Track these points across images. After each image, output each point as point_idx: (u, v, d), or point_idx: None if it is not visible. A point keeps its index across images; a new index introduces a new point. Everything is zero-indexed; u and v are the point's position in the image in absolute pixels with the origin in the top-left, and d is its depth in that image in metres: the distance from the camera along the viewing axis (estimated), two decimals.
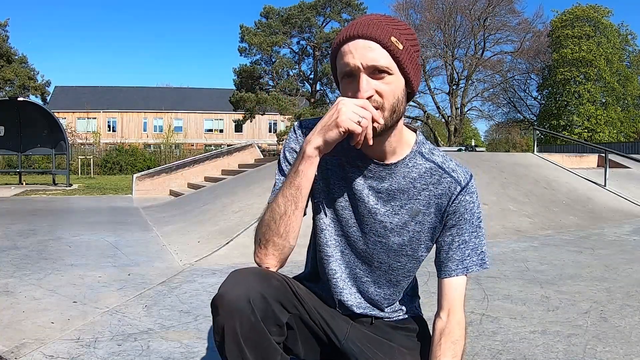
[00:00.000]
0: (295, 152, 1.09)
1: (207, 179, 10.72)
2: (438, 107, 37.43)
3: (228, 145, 14.77)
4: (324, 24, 34.73)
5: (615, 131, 33.83)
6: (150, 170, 11.47)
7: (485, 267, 1.09)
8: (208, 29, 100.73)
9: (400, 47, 0.94)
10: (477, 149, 28.82)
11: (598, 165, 9.27)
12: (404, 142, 1.05)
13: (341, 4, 33.37)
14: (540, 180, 7.13)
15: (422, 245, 1.08)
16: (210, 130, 51.40)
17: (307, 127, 1.11)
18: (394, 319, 1.14)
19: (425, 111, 37.39)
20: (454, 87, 36.54)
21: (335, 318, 1.08)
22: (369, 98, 0.93)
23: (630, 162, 8.83)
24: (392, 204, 1.05)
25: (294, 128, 1.13)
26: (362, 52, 0.93)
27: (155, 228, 5.31)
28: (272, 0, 51.06)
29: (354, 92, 0.95)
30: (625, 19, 62.81)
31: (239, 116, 37.98)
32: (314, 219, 1.14)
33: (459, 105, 36.54)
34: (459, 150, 21.77)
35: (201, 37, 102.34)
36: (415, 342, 1.11)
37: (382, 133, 0.98)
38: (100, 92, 49.77)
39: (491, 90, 38.14)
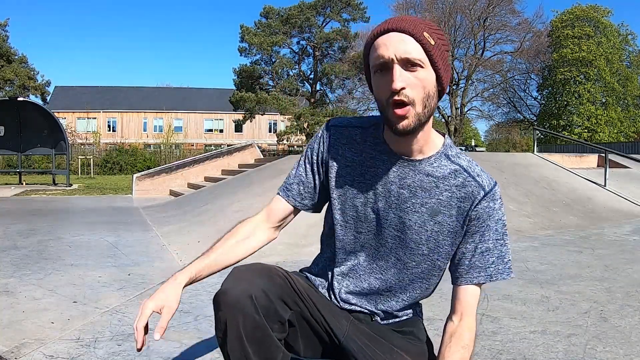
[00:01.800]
0: (317, 152, 1.15)
1: (207, 179, 10.72)
2: (438, 107, 37.32)
3: (228, 145, 14.77)
4: (324, 24, 34.74)
5: (615, 131, 33.84)
6: (150, 170, 11.46)
7: (511, 277, 1.08)
8: (208, 29, 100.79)
9: (432, 42, 0.95)
10: (477, 149, 28.86)
11: (598, 165, 9.26)
12: (431, 142, 1.06)
13: (341, 4, 33.36)
14: (540, 180, 7.13)
15: (440, 249, 1.07)
16: (210, 130, 51.38)
17: (335, 125, 1.15)
18: (392, 321, 1.14)
19: None
20: (454, 87, 36.56)
21: (335, 316, 1.08)
22: (401, 89, 0.94)
23: (630, 162, 8.82)
24: (413, 201, 1.05)
25: (325, 124, 1.18)
26: (396, 45, 0.95)
27: (155, 228, 5.31)
28: (272, 0, 51.08)
29: (385, 84, 0.96)
30: (625, 19, 62.88)
31: (239, 116, 37.98)
32: (328, 219, 1.16)
33: (459, 105, 36.57)
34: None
35: (201, 37, 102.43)
36: (412, 345, 1.11)
37: (415, 129, 0.98)
38: (100, 92, 49.75)
39: (491, 90, 38.22)
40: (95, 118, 47.09)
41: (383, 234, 1.08)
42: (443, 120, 38.26)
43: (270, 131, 50.03)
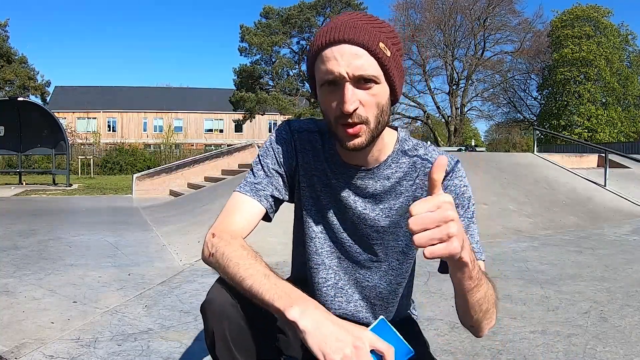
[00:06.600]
0: (285, 156, 1.04)
1: (207, 179, 10.72)
2: (438, 107, 37.47)
3: (228, 145, 14.76)
4: (324, 24, 34.76)
5: (615, 131, 33.81)
6: (150, 170, 11.46)
7: (483, 259, 1.01)
8: (208, 29, 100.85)
9: (388, 54, 0.88)
10: (477, 149, 28.83)
11: (598, 165, 9.26)
12: (386, 144, 1.00)
13: (341, 4, 33.39)
14: (540, 180, 7.13)
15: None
16: (210, 130, 51.40)
17: (298, 129, 1.06)
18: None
19: (425, 111, 37.42)
20: (454, 87, 36.56)
21: None
22: (353, 111, 0.87)
23: (630, 162, 8.82)
24: (381, 206, 1.02)
25: (286, 126, 1.07)
26: (349, 59, 0.85)
27: (155, 228, 5.31)
28: (272, 0, 51.09)
29: (336, 103, 0.88)
30: (625, 19, 62.83)
31: (239, 116, 38.01)
32: (300, 227, 1.10)
33: (459, 105, 36.55)
34: (459, 150, 21.77)
35: (201, 37, 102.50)
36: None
37: (368, 145, 0.93)
38: (100, 92, 49.76)
39: (491, 90, 38.18)
40: (95, 118, 47.10)
41: (360, 243, 1.05)
42: (443, 120, 38.25)
43: (270, 131, 49.93)
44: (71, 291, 2.78)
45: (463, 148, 25.03)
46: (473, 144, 37.12)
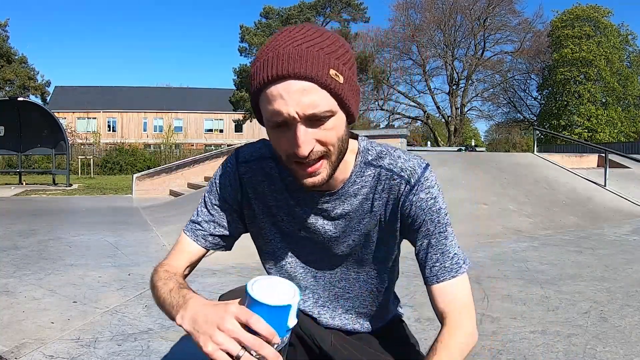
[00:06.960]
0: (231, 193, 1.00)
1: (207, 179, 10.73)
2: (438, 107, 37.51)
3: (228, 145, 14.76)
4: (324, 24, 34.74)
5: (615, 131, 33.82)
6: (150, 170, 11.47)
7: (462, 272, 0.93)
8: (208, 29, 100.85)
9: (341, 80, 0.77)
10: (477, 149, 28.83)
11: (598, 165, 9.26)
12: (346, 161, 0.91)
13: (341, 4, 33.40)
14: (540, 180, 7.13)
15: (391, 251, 1.05)
16: (210, 130, 51.39)
17: (247, 160, 1.00)
18: (373, 328, 1.13)
19: (425, 111, 37.47)
20: (454, 87, 36.59)
21: (318, 328, 1.08)
22: (309, 152, 0.78)
23: (630, 162, 8.83)
24: (350, 225, 0.98)
25: (232, 157, 1.02)
26: (297, 98, 0.74)
27: (155, 228, 5.31)
28: (272, 0, 51.09)
29: (288, 144, 0.79)
30: (625, 19, 62.84)
31: (239, 116, 38.01)
32: (266, 258, 1.07)
33: (459, 105, 36.58)
34: (459, 150, 21.77)
35: (201, 37, 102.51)
36: (397, 347, 1.10)
37: (329, 179, 0.85)
38: (100, 92, 49.75)
39: (491, 90, 38.24)
40: (95, 118, 47.09)
41: (334, 260, 1.03)
42: (443, 120, 38.27)
43: None
44: (71, 291, 2.78)
45: (463, 148, 25.03)
46: (473, 144, 37.13)
